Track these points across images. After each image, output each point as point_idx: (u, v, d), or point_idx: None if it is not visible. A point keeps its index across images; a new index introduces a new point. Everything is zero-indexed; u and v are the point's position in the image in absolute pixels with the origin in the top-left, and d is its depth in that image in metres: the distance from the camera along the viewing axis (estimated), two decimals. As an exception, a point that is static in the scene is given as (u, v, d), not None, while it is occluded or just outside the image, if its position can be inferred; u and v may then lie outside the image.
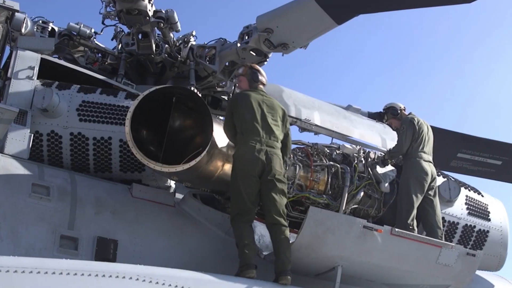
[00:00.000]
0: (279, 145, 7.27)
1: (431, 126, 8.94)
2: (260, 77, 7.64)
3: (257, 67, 7.86)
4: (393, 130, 9.09)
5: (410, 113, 8.91)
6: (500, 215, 9.73)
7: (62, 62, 8.79)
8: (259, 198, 7.09)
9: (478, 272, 9.63)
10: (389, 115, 9.14)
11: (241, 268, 6.74)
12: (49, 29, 9.78)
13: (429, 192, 8.38)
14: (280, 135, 7.35)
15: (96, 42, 10.09)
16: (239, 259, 6.83)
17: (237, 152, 7.19)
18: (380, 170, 8.49)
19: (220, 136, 7.39)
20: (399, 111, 9.01)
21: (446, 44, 31.79)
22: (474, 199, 9.49)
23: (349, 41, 30.82)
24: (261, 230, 7.74)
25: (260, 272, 6.94)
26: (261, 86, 7.64)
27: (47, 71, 8.19)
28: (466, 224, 9.29)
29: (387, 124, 9.24)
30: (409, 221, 7.99)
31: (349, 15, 8.60)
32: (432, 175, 8.41)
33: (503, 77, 31.14)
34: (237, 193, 7.02)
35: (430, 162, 8.52)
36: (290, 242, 7.16)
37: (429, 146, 8.65)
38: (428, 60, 31.81)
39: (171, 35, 9.81)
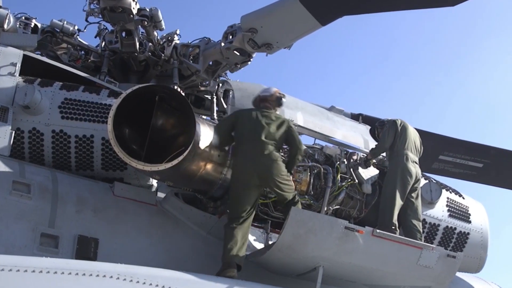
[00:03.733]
0: (274, 148, 7.45)
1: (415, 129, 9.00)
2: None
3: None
4: None
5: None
6: (481, 217, 9.80)
7: (44, 59, 8.73)
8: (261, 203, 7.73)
9: (459, 274, 9.68)
10: (378, 129, 9.20)
11: (222, 266, 6.86)
12: (32, 26, 9.69)
13: (411, 194, 8.40)
14: (276, 141, 7.52)
15: (79, 39, 10.03)
16: (222, 258, 6.96)
17: (234, 162, 7.49)
18: (362, 171, 8.53)
19: (203, 136, 7.38)
20: (385, 122, 9.05)
21: (428, 44, 32.06)
22: (455, 201, 9.55)
23: (332, 41, 30.92)
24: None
25: (242, 272, 6.95)
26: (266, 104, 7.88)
27: (29, 68, 8.14)
28: (447, 226, 9.34)
29: (380, 139, 9.23)
30: (391, 222, 8.03)
31: (334, 16, 8.62)
32: (416, 177, 8.44)
33: (483, 79, 31.44)
34: (235, 200, 7.34)
35: (416, 163, 8.56)
36: (271, 242, 7.18)
37: (415, 148, 8.68)
38: (410, 61, 32.08)
39: (155, 33, 9.77)
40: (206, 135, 7.47)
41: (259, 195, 7.51)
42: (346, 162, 8.51)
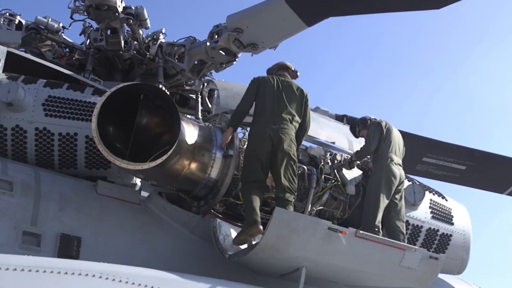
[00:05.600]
0: (292, 126, 7.74)
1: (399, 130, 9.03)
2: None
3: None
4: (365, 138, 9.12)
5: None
6: (463, 219, 9.85)
7: (28, 56, 8.68)
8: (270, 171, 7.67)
9: (441, 275, 9.73)
10: (360, 126, 9.24)
11: (247, 224, 7.16)
12: (16, 22, 9.66)
13: (395, 196, 8.43)
14: (295, 116, 7.82)
15: (64, 36, 9.99)
16: (245, 218, 7.30)
17: (251, 130, 7.72)
18: (346, 172, 8.54)
19: (187, 135, 7.37)
20: (368, 121, 9.08)
21: (409, 45, 32.32)
22: (438, 203, 9.59)
23: (316, 42, 31.01)
24: (226, 230, 7.73)
25: (225, 272, 6.93)
26: (285, 72, 8.21)
27: (13, 65, 8.09)
28: (430, 228, 9.37)
29: (360, 136, 9.29)
30: (375, 223, 8.05)
31: (319, 17, 8.63)
32: (400, 179, 8.47)
33: (462, 81, 31.73)
34: (249, 164, 7.51)
35: (400, 165, 8.59)
36: (255, 242, 7.18)
37: (399, 150, 8.72)
38: (393, 62, 32.28)
39: (140, 32, 9.74)
40: (190, 134, 7.46)
41: (268, 163, 7.59)
42: (330, 163, 8.52)
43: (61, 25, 9.87)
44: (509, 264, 29.92)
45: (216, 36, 9.33)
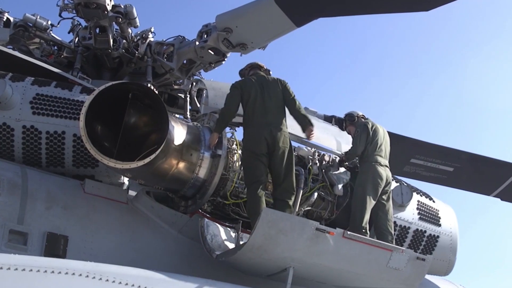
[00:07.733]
0: (283, 121, 7.82)
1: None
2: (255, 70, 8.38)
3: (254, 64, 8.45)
4: (352, 136, 9.14)
5: (367, 119, 8.99)
6: (450, 220, 9.89)
7: (16, 53, 8.63)
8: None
9: (428, 277, 9.76)
10: (347, 122, 9.24)
11: None
12: (4, 19, 9.61)
13: (383, 197, 8.45)
14: (282, 109, 7.90)
15: (52, 34, 9.94)
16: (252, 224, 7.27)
17: (245, 133, 7.76)
18: (334, 173, 8.55)
19: (176, 134, 7.36)
20: (355, 118, 9.09)
21: (398, 46, 32.43)
22: (425, 205, 9.62)
23: (304, 42, 31.03)
24: (213, 230, 7.72)
25: (213, 272, 6.92)
26: (258, 71, 8.31)
27: (0, 62, 8.04)
28: (417, 229, 9.40)
29: (346, 131, 9.30)
30: (362, 224, 8.06)
31: (309, 18, 8.63)
32: (387, 180, 8.49)
33: (451, 82, 31.87)
34: (249, 168, 7.65)
35: (386, 166, 8.60)
36: (242, 242, 7.17)
37: (385, 151, 8.73)
38: (381, 62, 32.36)
39: (129, 30, 9.72)
40: (179, 133, 7.45)
41: (267, 165, 7.65)
42: (318, 164, 8.54)
43: (49, 22, 9.82)
44: (494, 264, 30.11)
45: (205, 36, 9.32)
